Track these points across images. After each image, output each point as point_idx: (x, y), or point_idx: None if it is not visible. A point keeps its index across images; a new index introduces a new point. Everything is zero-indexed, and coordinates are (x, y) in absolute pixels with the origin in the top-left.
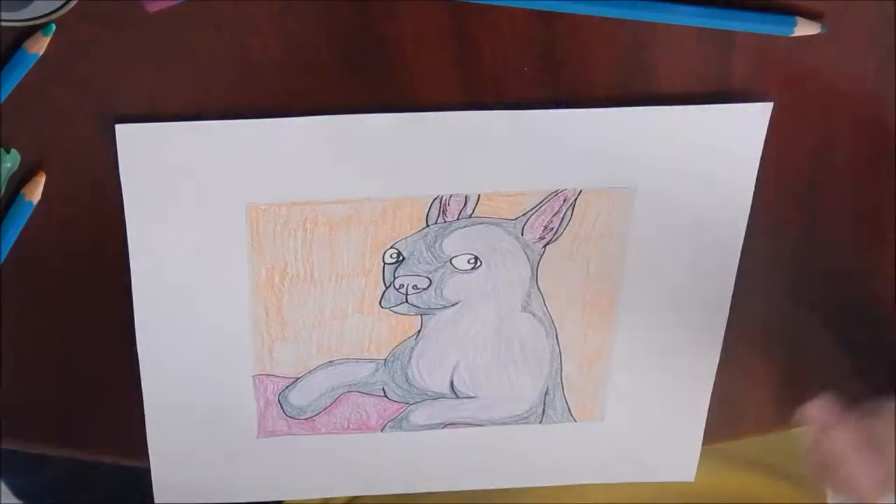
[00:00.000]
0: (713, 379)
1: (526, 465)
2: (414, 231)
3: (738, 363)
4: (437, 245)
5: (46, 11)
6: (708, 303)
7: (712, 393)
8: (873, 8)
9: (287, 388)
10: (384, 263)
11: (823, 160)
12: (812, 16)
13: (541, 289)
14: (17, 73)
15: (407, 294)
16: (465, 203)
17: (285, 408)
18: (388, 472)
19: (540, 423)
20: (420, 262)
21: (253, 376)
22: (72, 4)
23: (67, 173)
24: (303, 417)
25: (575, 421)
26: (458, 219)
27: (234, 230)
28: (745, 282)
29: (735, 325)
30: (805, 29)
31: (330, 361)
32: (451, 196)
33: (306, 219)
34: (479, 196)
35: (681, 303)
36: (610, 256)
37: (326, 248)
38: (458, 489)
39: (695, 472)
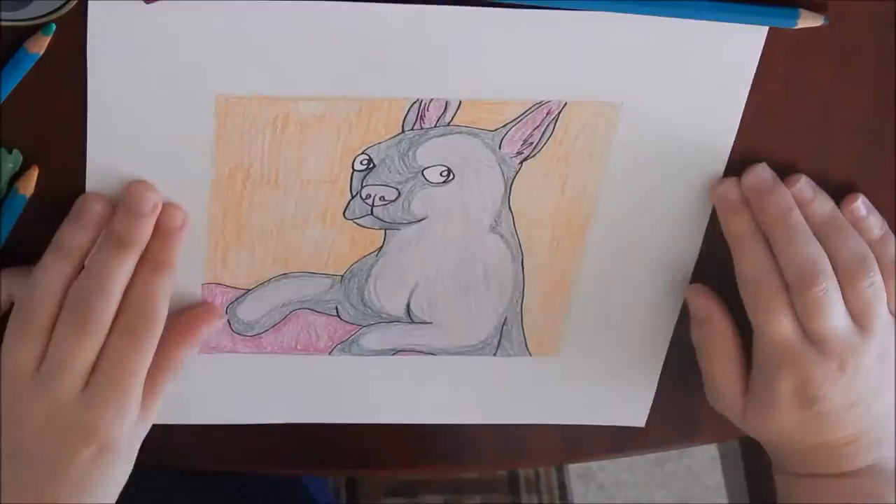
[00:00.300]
0: (674, 323)
1: (478, 401)
2: (388, 137)
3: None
4: (410, 154)
5: (46, 11)
6: (680, 240)
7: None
8: (873, 7)
9: (237, 300)
10: (353, 170)
11: (821, 161)
12: (815, 7)
13: (512, 209)
14: (18, 73)
15: (373, 205)
16: (445, 109)
17: (232, 322)
18: (333, 400)
19: (494, 355)
20: (391, 172)
21: (202, 284)
22: (72, 4)
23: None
24: (249, 334)
25: (530, 355)
26: (435, 126)
27: (200, 122)
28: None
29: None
30: (808, 21)
31: (284, 274)
32: (430, 101)
33: (277, 116)
34: (459, 103)
35: (652, 237)
36: (587, 178)
37: (295, 150)
38: (405, 422)
39: (646, 418)
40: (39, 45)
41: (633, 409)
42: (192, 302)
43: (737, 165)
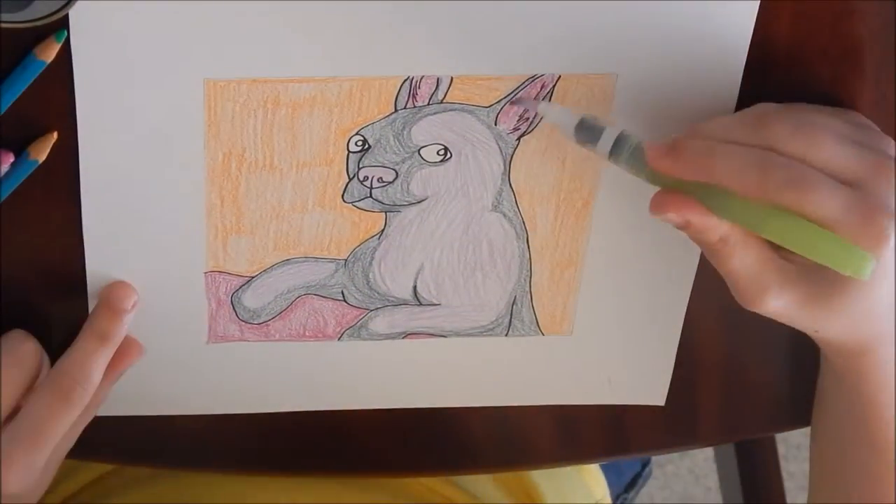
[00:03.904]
0: (689, 294)
1: (491, 382)
2: (381, 116)
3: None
4: (405, 133)
5: (47, 12)
6: None
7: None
8: (873, 7)
9: (241, 287)
10: (349, 152)
11: None
12: None
13: (513, 186)
14: (25, 79)
15: (371, 188)
16: (437, 86)
17: (238, 310)
18: (344, 386)
19: (506, 335)
20: (386, 152)
21: (205, 273)
22: (73, 5)
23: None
24: (256, 322)
25: (542, 334)
26: (428, 104)
27: (190, 109)
28: None
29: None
30: None
31: (287, 260)
32: (422, 78)
33: (267, 98)
34: (451, 79)
35: None
36: (588, 152)
37: (288, 132)
38: (417, 406)
39: (665, 397)
40: (49, 53)
41: (651, 388)
42: (196, 291)
43: None
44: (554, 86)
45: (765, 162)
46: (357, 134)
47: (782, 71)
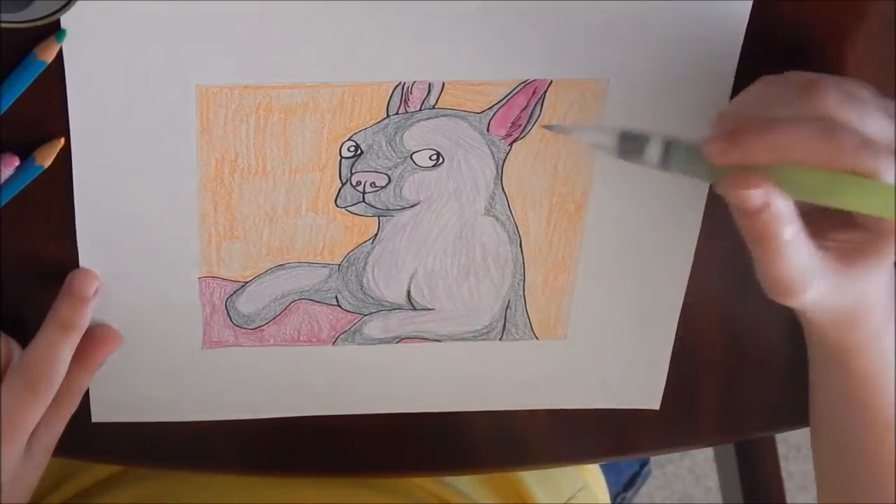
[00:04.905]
0: (682, 298)
1: (485, 387)
2: (373, 122)
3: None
4: (397, 138)
5: (47, 12)
6: (681, 212)
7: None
8: (873, 7)
9: (235, 293)
10: (341, 157)
11: None
12: None
13: (505, 191)
14: (25, 79)
15: (364, 192)
16: (429, 92)
17: (232, 315)
18: (339, 391)
19: (500, 339)
20: (379, 157)
21: (199, 278)
22: (73, 5)
23: None
24: (250, 327)
25: (537, 339)
26: (420, 109)
27: (182, 115)
28: (741, 287)
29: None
30: None
31: (280, 265)
32: (413, 83)
33: (259, 104)
34: (443, 84)
35: (652, 211)
36: (579, 156)
37: (280, 138)
38: (412, 411)
39: (660, 401)
40: (49, 53)
41: (646, 392)
42: (189, 297)
43: None
44: (545, 91)
45: (830, 129)
46: (349, 139)
47: (782, 71)
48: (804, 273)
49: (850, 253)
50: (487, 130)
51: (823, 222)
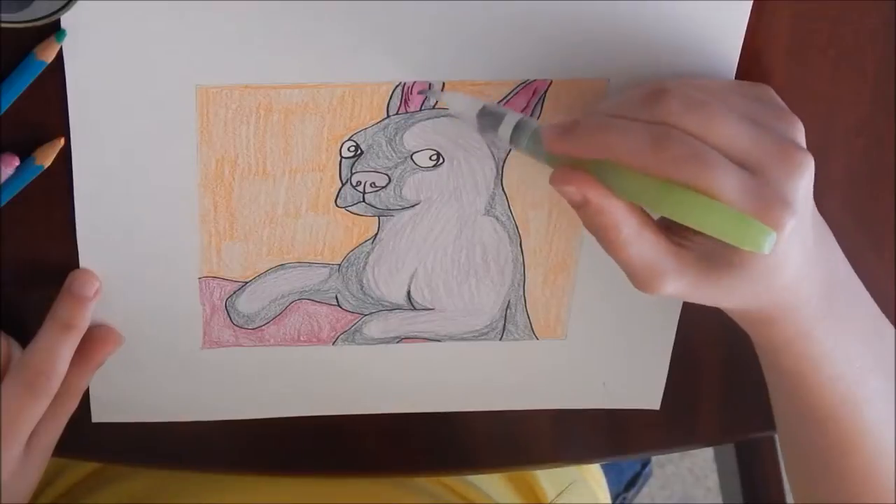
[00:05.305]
0: (682, 300)
1: (485, 386)
2: (374, 122)
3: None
4: (397, 138)
5: (47, 12)
6: None
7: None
8: (873, 7)
9: (235, 293)
10: (341, 157)
11: (821, 161)
12: None
13: (506, 191)
14: (25, 80)
15: (364, 192)
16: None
17: (232, 315)
18: (339, 391)
19: (500, 339)
20: (379, 157)
21: (199, 279)
22: (73, 5)
23: None
24: (250, 327)
25: (537, 339)
26: (420, 109)
27: (182, 115)
28: None
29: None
30: None
31: (281, 265)
32: (414, 83)
33: (259, 104)
34: (443, 85)
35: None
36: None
37: (280, 138)
38: (412, 411)
39: (660, 401)
40: (49, 53)
41: (646, 392)
42: (190, 297)
43: None
44: (546, 91)
45: (660, 137)
46: (350, 139)
47: (782, 71)
48: (651, 267)
49: (707, 255)
50: None
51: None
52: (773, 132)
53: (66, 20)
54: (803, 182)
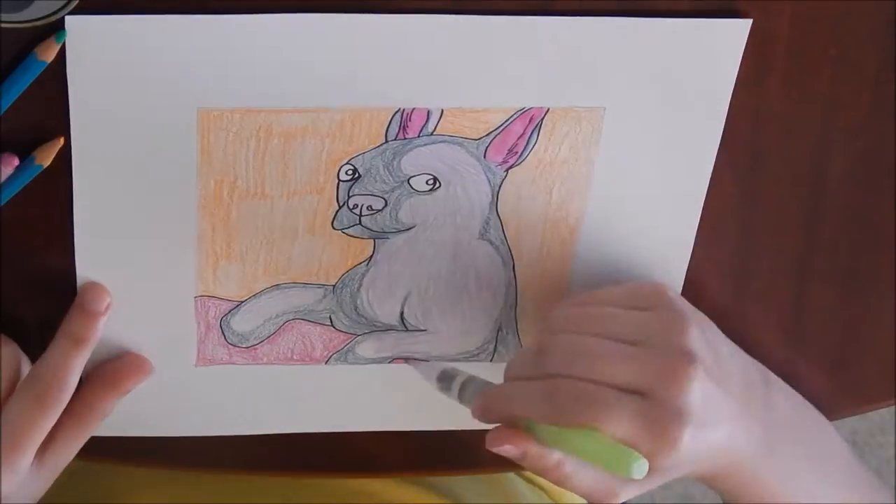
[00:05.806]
0: None
1: None
2: (372, 146)
3: None
4: (395, 163)
5: (47, 12)
6: (672, 240)
7: None
8: (874, 7)
9: (230, 312)
10: (339, 181)
11: (821, 161)
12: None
13: (500, 215)
14: (25, 80)
15: (361, 215)
16: (428, 118)
17: (227, 334)
18: (330, 409)
19: (490, 361)
20: (376, 181)
21: (195, 297)
22: (73, 5)
23: None
24: (244, 345)
25: None
26: (418, 135)
27: (183, 138)
28: (745, 285)
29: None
30: None
31: (276, 285)
32: (413, 110)
33: (260, 127)
34: (441, 111)
35: (644, 239)
36: (574, 183)
37: (279, 161)
38: (403, 429)
39: None
40: (49, 53)
41: None
42: (185, 315)
43: (739, 164)
44: (542, 118)
45: (550, 390)
46: (348, 163)
47: (782, 71)
48: (600, 488)
49: None
50: (484, 157)
51: None
52: (657, 350)
53: (67, 20)
54: (693, 387)
